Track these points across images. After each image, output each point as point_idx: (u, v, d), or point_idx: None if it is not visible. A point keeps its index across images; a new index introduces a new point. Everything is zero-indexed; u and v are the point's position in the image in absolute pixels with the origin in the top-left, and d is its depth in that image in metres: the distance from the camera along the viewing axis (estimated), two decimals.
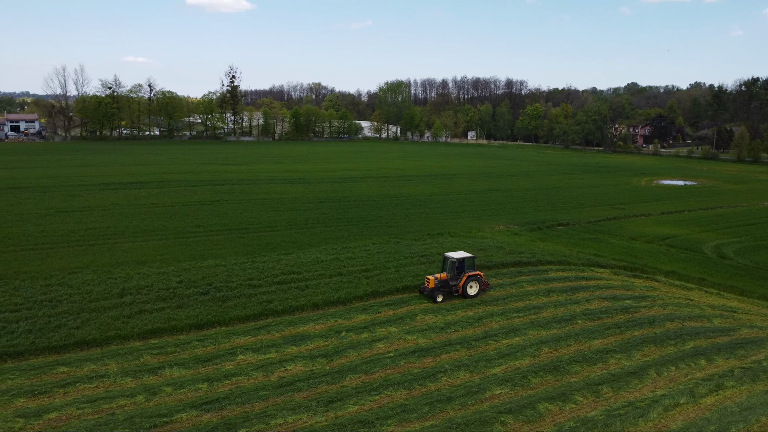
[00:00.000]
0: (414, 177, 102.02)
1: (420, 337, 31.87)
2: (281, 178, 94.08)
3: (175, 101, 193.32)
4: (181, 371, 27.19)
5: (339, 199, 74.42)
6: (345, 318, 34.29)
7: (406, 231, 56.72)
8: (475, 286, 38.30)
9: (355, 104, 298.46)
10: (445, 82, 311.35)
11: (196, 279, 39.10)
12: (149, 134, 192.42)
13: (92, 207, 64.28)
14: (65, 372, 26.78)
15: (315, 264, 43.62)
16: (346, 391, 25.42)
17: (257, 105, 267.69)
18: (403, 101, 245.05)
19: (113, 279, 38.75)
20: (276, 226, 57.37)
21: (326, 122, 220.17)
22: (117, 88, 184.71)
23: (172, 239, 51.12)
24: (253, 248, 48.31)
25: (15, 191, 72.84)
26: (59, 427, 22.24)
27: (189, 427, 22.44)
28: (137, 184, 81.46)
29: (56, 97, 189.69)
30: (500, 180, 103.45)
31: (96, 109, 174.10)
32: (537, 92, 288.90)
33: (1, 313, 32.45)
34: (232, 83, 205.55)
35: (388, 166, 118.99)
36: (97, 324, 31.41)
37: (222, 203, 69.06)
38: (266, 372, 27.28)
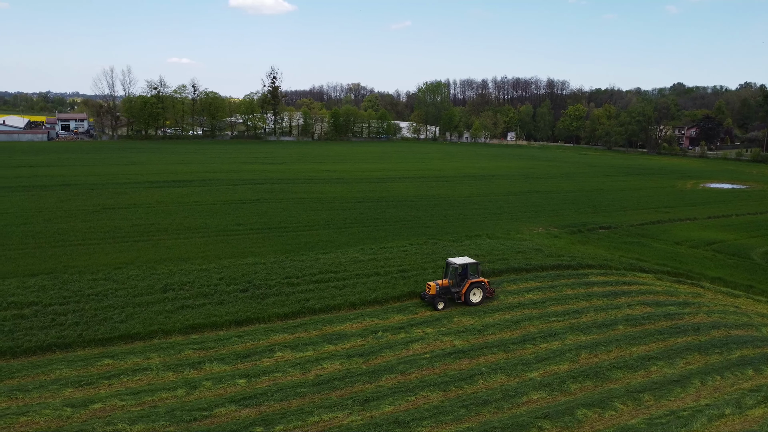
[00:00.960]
0: (452, 178, 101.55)
1: (457, 338, 31.73)
2: (320, 177, 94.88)
3: (217, 101, 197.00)
4: (220, 366, 27.73)
5: (377, 200, 74.63)
6: (382, 318, 34.41)
7: (444, 232, 56.52)
8: (478, 293, 36.75)
9: (393, 105, 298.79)
10: (484, 83, 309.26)
11: (236, 276, 39.81)
12: (192, 134, 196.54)
13: (137, 204, 66.06)
14: (110, 364, 27.63)
15: (352, 263, 43.86)
16: (382, 391, 25.49)
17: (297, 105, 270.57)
18: (442, 102, 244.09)
19: (157, 275, 39.78)
20: (314, 226, 57.91)
21: (365, 122, 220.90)
22: (162, 89, 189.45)
23: (213, 237, 52.15)
24: (291, 247, 48.89)
25: (65, 188, 75.42)
26: (104, 417, 22.93)
27: (228, 422, 22.86)
28: (180, 183, 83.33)
29: (104, 97, 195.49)
30: (540, 181, 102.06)
31: (142, 109, 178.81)
32: (579, 93, 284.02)
33: (50, 305, 33.69)
34: (273, 84, 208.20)
35: (426, 167, 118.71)
36: (141, 318, 32.29)
37: (262, 202, 70.05)
38: (303, 369, 27.58)
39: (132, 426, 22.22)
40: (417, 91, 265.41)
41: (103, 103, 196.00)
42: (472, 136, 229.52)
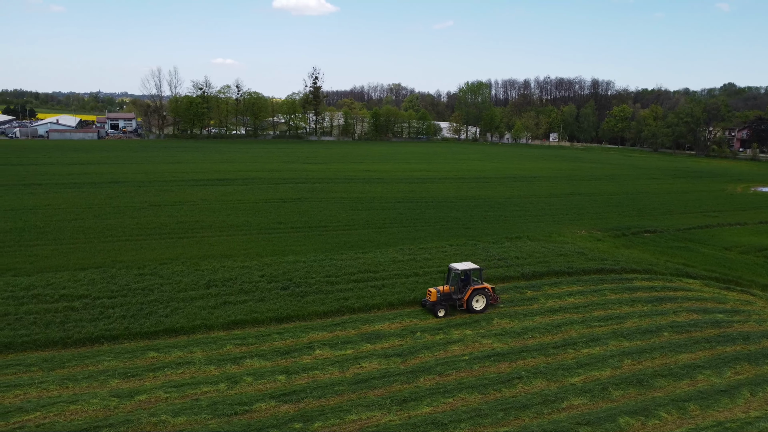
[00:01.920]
0: (493, 179, 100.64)
1: (496, 341, 31.47)
2: (360, 177, 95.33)
3: (260, 101, 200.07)
4: (261, 362, 28.19)
5: (416, 200, 74.55)
6: (420, 318, 34.41)
7: (484, 233, 56.08)
8: (481, 300, 35.56)
9: (434, 105, 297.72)
10: (527, 83, 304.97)
11: (277, 274, 40.38)
12: (236, 133, 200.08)
13: (182, 202, 67.64)
14: (155, 357, 28.40)
15: (391, 263, 43.95)
16: (420, 392, 25.48)
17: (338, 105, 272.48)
18: (483, 102, 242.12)
19: (200, 271, 40.69)
20: (354, 225, 58.24)
21: (405, 123, 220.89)
22: (207, 89, 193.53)
23: (255, 234, 53.00)
24: (331, 246, 49.28)
25: (114, 185, 77.80)
26: (148, 408, 23.59)
27: (267, 417, 23.21)
28: (224, 181, 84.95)
29: (152, 97, 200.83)
30: (583, 183, 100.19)
31: (187, 109, 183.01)
32: (624, 93, 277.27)
33: (99, 298, 34.85)
34: (315, 84, 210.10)
35: (466, 168, 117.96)
36: (185, 313, 33.09)
37: (303, 201, 70.83)
38: (342, 368, 27.80)
39: (175, 418, 22.79)
40: (458, 91, 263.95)
41: (150, 103, 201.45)
42: (513, 136, 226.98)
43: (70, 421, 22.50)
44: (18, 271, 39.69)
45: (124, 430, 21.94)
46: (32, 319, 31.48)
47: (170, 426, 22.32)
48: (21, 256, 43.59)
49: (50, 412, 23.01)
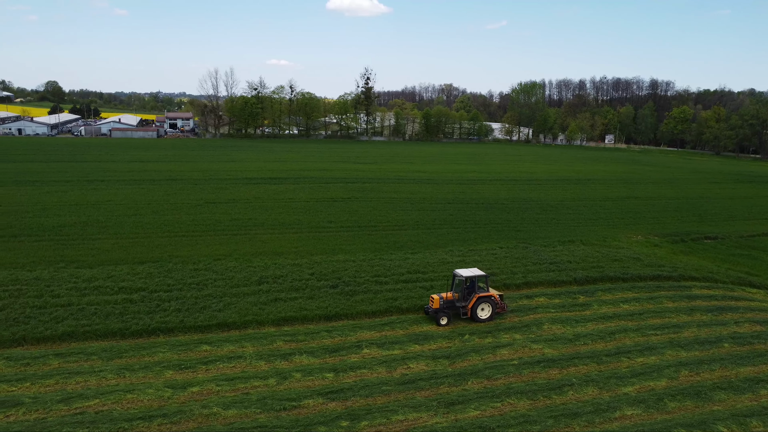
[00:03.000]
0: (545, 181, 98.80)
1: (546, 346, 30.86)
2: (410, 178, 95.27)
3: (313, 102, 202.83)
4: (309, 359, 28.52)
5: (467, 201, 73.94)
6: (467, 321, 34.07)
7: (535, 236, 55.12)
8: (487, 308, 33.96)
9: (486, 105, 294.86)
10: (582, 83, 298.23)
11: (326, 272, 40.79)
12: (288, 133, 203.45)
13: (236, 199, 69.18)
14: (208, 350, 29.13)
15: (441, 264, 43.72)
16: (468, 395, 25.23)
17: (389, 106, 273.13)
18: (536, 102, 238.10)
19: (252, 267, 41.51)
20: (404, 225, 58.23)
21: (456, 123, 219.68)
22: (261, 90, 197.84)
23: (306, 233, 53.69)
24: (381, 246, 49.42)
25: (172, 183, 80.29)
26: (200, 400, 24.21)
27: (315, 414, 23.45)
28: (276, 180, 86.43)
29: (208, 97, 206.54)
30: (640, 187, 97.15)
31: (242, 109, 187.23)
32: (685, 94, 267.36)
33: (156, 292, 36.01)
34: (367, 84, 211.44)
35: (518, 169, 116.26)
36: (237, 308, 33.80)
37: (353, 201, 71.30)
38: (389, 367, 27.82)
39: (226, 411, 23.31)
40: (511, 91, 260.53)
41: (207, 103, 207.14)
42: (567, 138, 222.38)
43: (127, 410, 23.32)
44: (81, 263, 41.46)
45: (177, 420, 22.58)
46: (93, 309, 32.81)
47: (221, 418, 22.84)
48: (84, 249, 45.52)
49: (108, 400, 23.91)
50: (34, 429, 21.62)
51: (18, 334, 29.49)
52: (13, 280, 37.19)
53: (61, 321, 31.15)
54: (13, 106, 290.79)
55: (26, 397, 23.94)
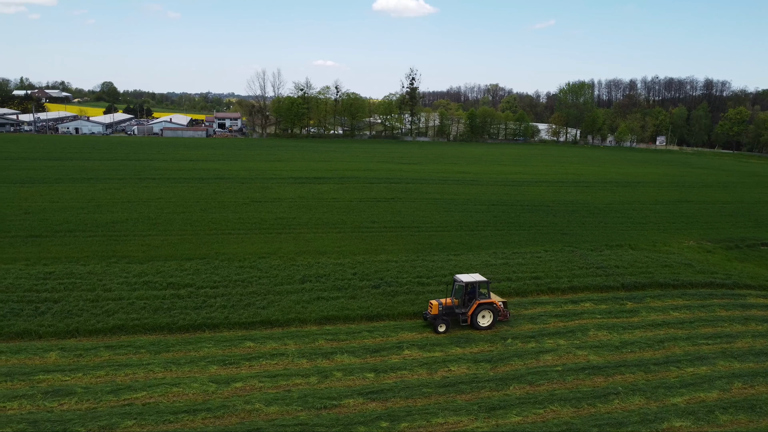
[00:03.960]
0: (593, 183, 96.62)
1: (591, 353, 30.16)
2: (454, 179, 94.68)
3: (358, 102, 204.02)
4: (350, 359, 28.65)
5: (511, 203, 72.99)
6: (511, 325, 33.63)
7: (582, 240, 53.95)
8: (488, 316, 32.77)
9: (532, 106, 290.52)
10: (633, 83, 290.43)
11: (369, 272, 40.91)
12: (333, 133, 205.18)
13: (281, 198, 70.13)
14: (251, 347, 29.61)
15: (484, 267, 43.28)
16: (509, 400, 24.88)
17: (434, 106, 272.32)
18: (585, 103, 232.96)
19: (296, 266, 42.00)
20: (447, 227, 57.88)
21: (502, 124, 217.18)
22: (307, 90, 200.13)
23: (349, 233, 53.98)
24: (423, 247, 49.27)
25: (219, 181, 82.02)
26: (243, 396, 24.62)
27: (355, 413, 23.53)
28: (321, 180, 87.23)
29: (256, 97, 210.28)
30: (692, 190, 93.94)
31: (289, 109, 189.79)
32: (741, 94, 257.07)
33: (202, 288, 36.83)
34: (412, 85, 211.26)
35: (564, 171, 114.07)
36: (280, 306, 34.25)
37: (396, 201, 71.32)
38: (430, 369, 27.69)
39: (268, 407, 23.63)
40: (558, 92, 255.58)
41: (254, 103, 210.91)
42: (616, 139, 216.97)
43: (172, 403, 23.92)
44: (132, 258, 42.77)
45: (221, 415, 23.02)
46: (143, 304, 33.79)
47: (263, 414, 23.17)
48: (135, 244, 46.94)
49: (155, 393, 24.58)
50: (86, 418, 22.39)
51: (72, 325, 30.64)
52: (68, 273, 38.65)
53: (112, 314, 32.21)
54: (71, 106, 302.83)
55: (78, 387, 24.83)
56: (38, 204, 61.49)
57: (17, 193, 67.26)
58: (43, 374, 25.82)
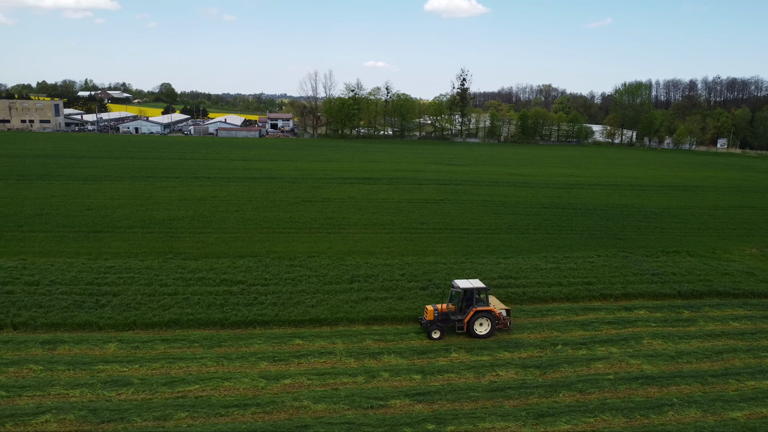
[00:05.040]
0: (649, 187, 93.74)
1: (645, 362, 29.29)
2: (504, 180, 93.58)
3: (408, 103, 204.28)
4: (398, 359, 28.73)
5: (563, 206, 71.59)
6: (562, 330, 33.01)
7: (637, 245, 52.42)
8: (486, 324, 31.49)
9: (586, 107, 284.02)
10: (692, 84, 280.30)
11: (417, 273, 40.91)
12: (383, 133, 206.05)
13: (331, 198, 70.91)
14: (300, 345, 30.08)
15: (534, 271, 42.66)
16: (559, 408, 24.43)
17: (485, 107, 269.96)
18: (641, 104, 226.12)
19: (345, 266, 42.39)
20: (496, 229, 57.27)
21: (554, 125, 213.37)
22: (358, 91, 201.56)
23: (398, 233, 54.10)
24: (472, 249, 48.91)
25: (271, 181, 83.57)
26: (292, 393, 25.05)
27: (401, 414, 23.59)
28: (370, 180, 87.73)
29: (308, 98, 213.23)
30: (756, 196, 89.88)
31: (339, 110, 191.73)
32: None
33: (254, 285, 37.62)
34: (463, 86, 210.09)
35: (619, 174, 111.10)
36: (329, 305, 34.63)
37: (445, 202, 71.03)
38: (477, 373, 27.49)
39: (316, 405, 23.96)
40: (614, 92, 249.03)
41: (306, 104, 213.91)
42: (674, 141, 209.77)
43: (224, 397, 24.55)
44: (187, 255, 44.08)
45: (270, 410, 23.48)
46: (197, 299, 34.80)
47: (310, 412, 23.51)
48: (190, 241, 48.36)
49: (208, 386, 25.28)
50: (142, 408, 23.24)
51: (130, 318, 31.83)
52: (127, 268, 40.17)
53: (167, 308, 33.28)
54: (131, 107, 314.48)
55: (135, 378, 25.79)
56: (100, 201, 64.11)
57: (81, 190, 70.31)
58: (103, 365, 26.93)
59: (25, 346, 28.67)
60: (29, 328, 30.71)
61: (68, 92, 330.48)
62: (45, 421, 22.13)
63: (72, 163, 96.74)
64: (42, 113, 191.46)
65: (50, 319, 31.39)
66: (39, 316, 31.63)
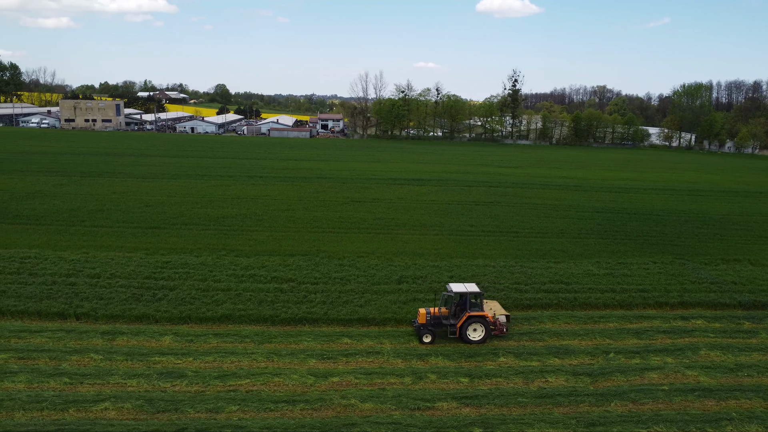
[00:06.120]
0: (708, 192, 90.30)
1: (702, 374, 28.26)
2: (556, 183, 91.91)
3: (458, 104, 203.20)
4: (445, 362, 28.64)
5: (617, 210, 69.76)
6: (614, 338, 32.21)
7: (695, 252, 50.60)
8: (480, 329, 30.75)
9: (642, 109, 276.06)
10: (757, 85, 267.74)
11: (465, 276, 40.64)
12: (432, 135, 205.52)
13: (380, 199, 71.21)
14: (348, 343, 30.36)
15: (586, 276, 41.76)
16: (610, 417, 23.85)
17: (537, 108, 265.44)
18: (701, 106, 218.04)
19: (393, 266, 42.52)
20: (547, 233, 56.32)
21: (609, 127, 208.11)
22: (408, 92, 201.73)
23: (446, 235, 53.89)
24: (522, 252, 48.25)
25: (321, 181, 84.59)
26: (340, 391, 25.31)
27: (448, 417, 23.51)
28: (419, 181, 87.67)
29: (358, 99, 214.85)
30: None
31: (389, 111, 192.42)
32: None
33: (304, 283, 38.19)
34: (514, 87, 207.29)
35: (677, 178, 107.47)
36: (377, 305, 34.81)
37: (495, 205, 70.31)
38: (526, 379, 27.12)
39: (363, 403, 24.15)
40: (672, 94, 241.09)
41: (356, 105, 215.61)
42: (736, 145, 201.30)
43: (273, 392, 25.04)
44: (240, 252, 45.10)
45: (318, 407, 23.81)
46: (248, 296, 35.57)
47: (358, 410, 23.70)
48: (243, 239, 49.46)
49: (258, 381, 25.83)
50: (195, 400, 23.94)
51: (185, 312, 32.82)
52: (183, 263, 41.41)
53: (220, 304, 34.16)
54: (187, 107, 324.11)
55: (189, 370, 26.58)
56: (157, 198, 66.31)
57: (139, 188, 72.89)
58: (159, 356, 27.87)
59: (87, 336, 29.96)
60: (90, 318, 32.09)
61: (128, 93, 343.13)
62: (104, 408, 23.07)
63: (131, 161, 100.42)
64: (104, 113, 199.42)
65: (110, 310, 32.70)
66: (100, 307, 33.00)
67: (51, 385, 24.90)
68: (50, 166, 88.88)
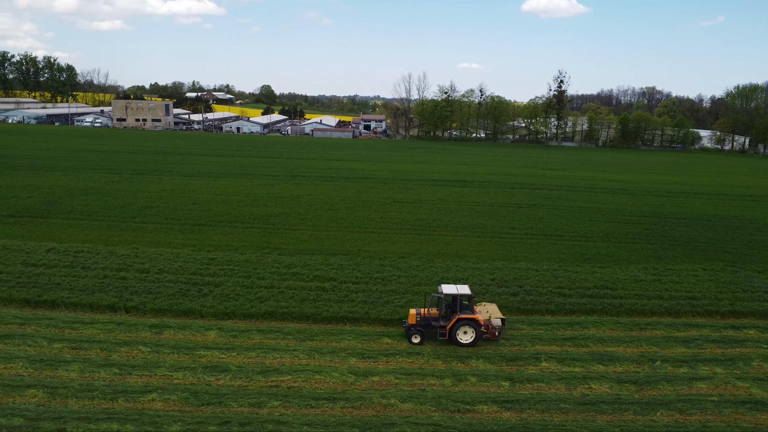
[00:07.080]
0: (762, 198, 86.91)
1: (754, 386, 27.24)
2: (602, 186, 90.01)
3: (502, 105, 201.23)
4: (486, 365, 28.44)
5: (666, 215, 67.89)
6: (661, 346, 31.36)
7: (748, 260, 48.82)
8: (470, 332, 30.23)
9: (693, 111, 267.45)
10: None
11: (507, 279, 40.28)
12: (475, 136, 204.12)
13: (422, 200, 71.14)
14: (389, 343, 30.48)
15: (632, 282, 40.81)
16: (656, 427, 23.26)
17: (582, 110, 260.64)
18: (756, 108, 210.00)
19: (434, 267, 42.44)
20: (592, 237, 55.24)
21: (658, 129, 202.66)
22: (452, 93, 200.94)
23: (488, 237, 53.46)
24: (566, 256, 47.47)
25: (364, 181, 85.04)
26: (380, 390, 25.42)
27: (488, 420, 23.35)
28: (461, 182, 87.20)
29: (401, 100, 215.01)
30: None
31: (432, 112, 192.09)
32: None
33: (345, 283, 38.48)
34: (560, 88, 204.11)
35: (729, 182, 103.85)
36: (418, 306, 34.65)
37: (538, 207, 69.36)
38: (569, 385, 26.69)
39: (402, 404, 24.20)
40: (725, 95, 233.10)
41: (399, 106, 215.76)
42: None
43: (314, 389, 25.33)
44: (283, 250, 45.78)
45: (358, 405, 23.98)
46: (291, 293, 36.07)
47: (397, 410, 23.77)
48: (286, 237, 50.17)
49: (299, 378, 26.18)
50: (238, 394, 24.44)
51: (229, 308, 33.51)
52: (228, 260, 42.30)
53: (264, 301, 34.75)
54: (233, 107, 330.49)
55: (233, 365, 27.14)
56: (204, 196, 67.87)
57: (187, 185, 74.73)
58: (204, 350, 28.55)
59: (136, 328, 30.93)
60: (139, 312, 33.10)
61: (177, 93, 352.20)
62: (151, 399, 23.78)
63: (180, 160, 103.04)
64: (154, 113, 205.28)
65: (158, 305, 33.65)
66: (148, 301, 34.01)
67: (102, 375, 25.82)
68: (102, 164, 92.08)
